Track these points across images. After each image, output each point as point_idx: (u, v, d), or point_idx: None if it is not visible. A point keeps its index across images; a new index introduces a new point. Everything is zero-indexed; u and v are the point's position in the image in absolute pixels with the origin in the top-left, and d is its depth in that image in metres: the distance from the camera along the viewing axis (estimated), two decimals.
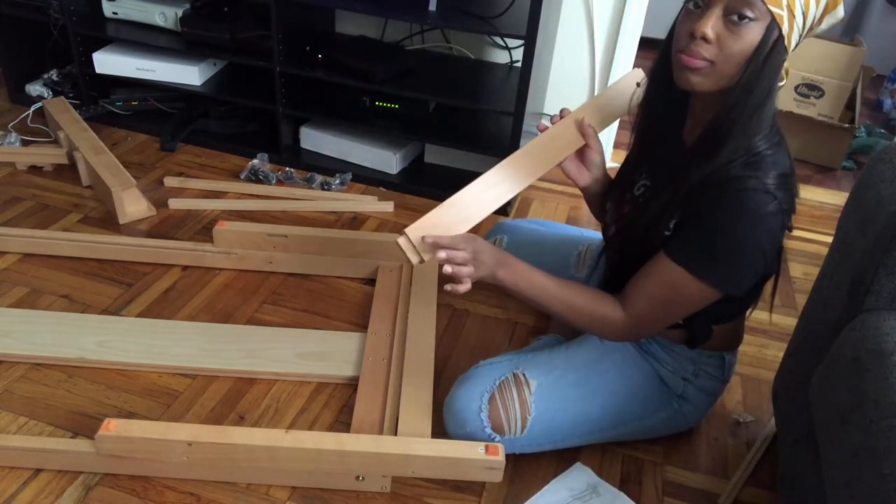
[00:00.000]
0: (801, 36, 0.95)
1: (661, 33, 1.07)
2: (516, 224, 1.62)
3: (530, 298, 1.09)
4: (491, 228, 1.62)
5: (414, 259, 1.07)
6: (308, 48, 2.00)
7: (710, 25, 0.90)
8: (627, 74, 1.29)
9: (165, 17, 2.09)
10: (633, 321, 1.06)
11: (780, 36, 0.91)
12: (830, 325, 0.99)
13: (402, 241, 1.07)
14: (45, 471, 1.13)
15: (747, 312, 1.18)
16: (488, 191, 1.13)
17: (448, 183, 2.01)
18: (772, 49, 0.91)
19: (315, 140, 2.13)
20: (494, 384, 1.15)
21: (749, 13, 0.89)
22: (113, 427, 1.08)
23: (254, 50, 1.99)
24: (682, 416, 1.23)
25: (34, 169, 1.97)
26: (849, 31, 3.52)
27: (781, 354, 1.29)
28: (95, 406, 1.26)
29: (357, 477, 1.13)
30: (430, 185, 2.03)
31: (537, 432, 1.15)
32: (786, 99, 2.50)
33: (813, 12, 0.93)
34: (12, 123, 2.17)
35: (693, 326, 1.13)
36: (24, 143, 2.06)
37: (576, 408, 1.17)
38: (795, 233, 2.02)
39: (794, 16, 0.90)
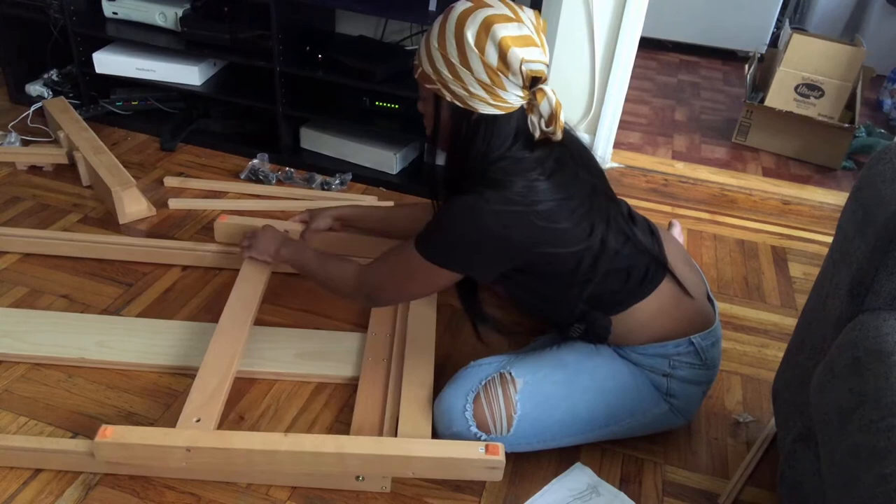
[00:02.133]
0: (486, 97, 1.04)
1: (661, 33, 1.10)
2: None
3: (303, 271, 1.37)
4: None
5: None
6: (308, 48, 2.00)
7: (420, 103, 1.14)
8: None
9: (165, 17, 2.09)
10: (365, 281, 1.23)
11: (454, 104, 1.06)
12: (830, 325, 0.99)
13: None
14: (45, 471, 1.13)
15: (649, 291, 1.16)
16: (228, 350, 1.28)
17: None
18: (453, 115, 1.07)
19: (315, 140, 2.13)
20: (480, 384, 1.16)
21: (422, 95, 1.12)
22: (110, 434, 1.06)
23: (254, 50, 1.99)
24: (676, 412, 1.23)
25: (34, 169, 1.97)
26: (849, 31, 3.52)
27: (781, 354, 1.29)
28: (95, 406, 1.26)
29: (357, 477, 1.13)
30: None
31: (525, 431, 1.15)
32: (786, 99, 2.50)
33: (469, 77, 1.02)
34: (12, 123, 2.17)
35: (588, 321, 1.18)
36: (24, 143, 2.06)
37: (563, 406, 1.17)
38: (795, 233, 2.03)
39: (448, 88, 1.05)
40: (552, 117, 1.05)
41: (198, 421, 1.12)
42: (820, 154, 2.51)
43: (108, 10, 2.14)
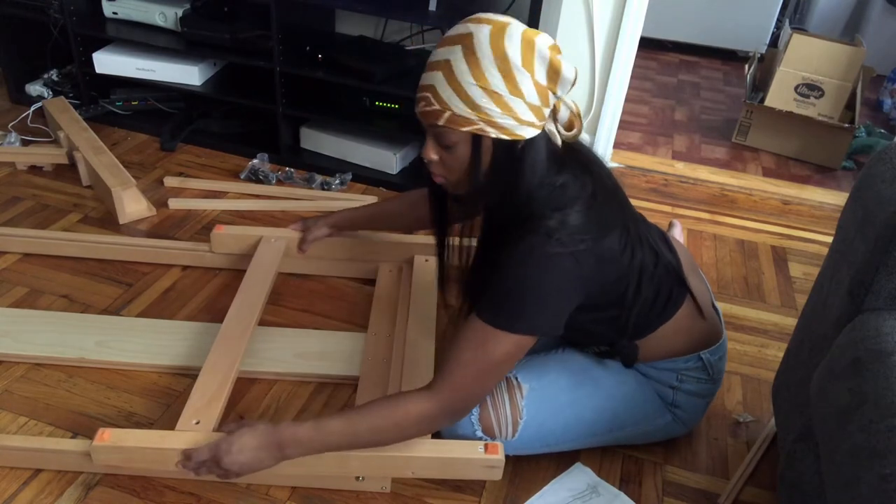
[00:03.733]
0: (535, 120, 0.95)
1: (661, 33, 1.09)
2: None
3: (333, 450, 1.03)
4: None
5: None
6: (308, 48, 2.00)
7: (430, 151, 1.00)
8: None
9: (165, 17, 2.09)
10: (450, 395, 1.00)
11: (499, 139, 0.95)
12: (830, 325, 0.99)
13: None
14: (45, 471, 1.13)
15: (673, 312, 1.15)
16: (230, 353, 1.26)
17: None
18: (496, 151, 0.96)
19: (315, 140, 2.13)
20: None
21: (450, 142, 0.96)
22: (107, 437, 1.06)
23: (254, 50, 1.99)
24: (679, 423, 1.23)
25: (34, 169, 1.97)
26: (849, 31, 3.52)
27: (781, 354, 1.29)
28: (95, 406, 1.26)
29: (357, 477, 1.13)
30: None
31: (529, 435, 1.15)
32: (786, 99, 2.50)
33: (520, 105, 0.93)
34: (12, 123, 2.17)
35: (616, 349, 1.15)
36: (24, 143, 2.06)
37: (568, 412, 1.17)
38: (795, 233, 2.03)
39: (494, 123, 0.93)
40: (571, 121, 0.99)
41: (197, 423, 1.11)
42: (820, 154, 2.51)
43: (108, 10, 2.14)
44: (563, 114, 0.98)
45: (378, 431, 1.01)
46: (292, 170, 2.06)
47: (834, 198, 2.27)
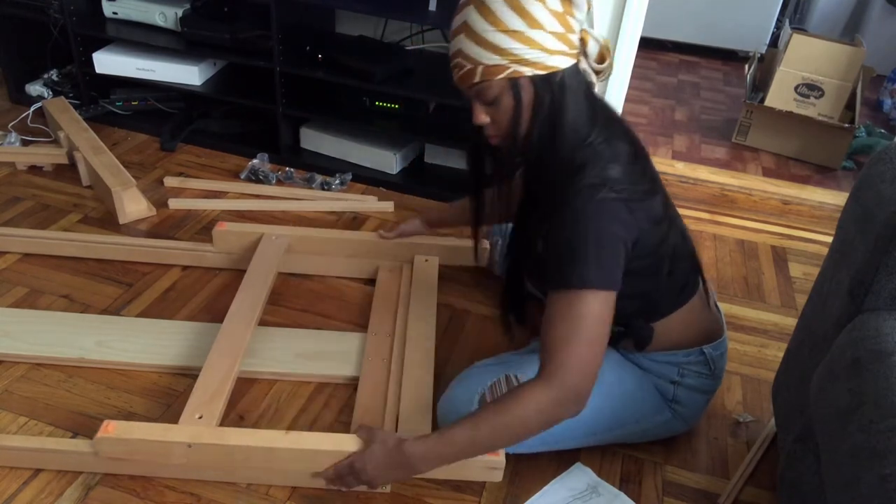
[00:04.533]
0: (565, 48, 0.95)
1: (661, 33, 1.08)
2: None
3: (461, 458, 1.05)
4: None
5: None
6: (308, 48, 2.00)
7: (479, 115, 1.02)
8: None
9: (165, 17, 2.09)
10: (564, 375, 0.97)
11: (535, 76, 0.95)
12: (830, 325, 0.99)
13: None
14: (45, 471, 1.13)
15: (687, 299, 1.15)
16: (232, 348, 1.28)
17: (448, 183, 2.02)
18: (536, 88, 0.96)
19: (315, 140, 2.13)
20: (486, 386, 1.15)
21: (491, 96, 0.98)
22: (112, 429, 1.07)
23: (254, 50, 1.99)
24: (679, 419, 1.23)
25: (34, 169, 1.97)
26: (849, 31, 3.52)
27: (781, 354, 1.29)
28: (95, 406, 1.26)
29: None
30: (430, 184, 2.03)
31: None
32: (786, 99, 2.50)
33: (543, 35, 0.93)
34: (12, 123, 2.17)
35: (632, 329, 1.15)
36: (24, 143, 2.06)
37: None
38: (795, 233, 2.03)
39: (524, 60, 0.94)
40: (602, 54, 0.98)
41: (200, 417, 1.12)
42: (820, 154, 2.51)
43: (108, 10, 2.14)
44: (592, 47, 0.98)
45: (502, 431, 1.00)
46: (292, 170, 2.06)
47: (834, 198, 2.27)
